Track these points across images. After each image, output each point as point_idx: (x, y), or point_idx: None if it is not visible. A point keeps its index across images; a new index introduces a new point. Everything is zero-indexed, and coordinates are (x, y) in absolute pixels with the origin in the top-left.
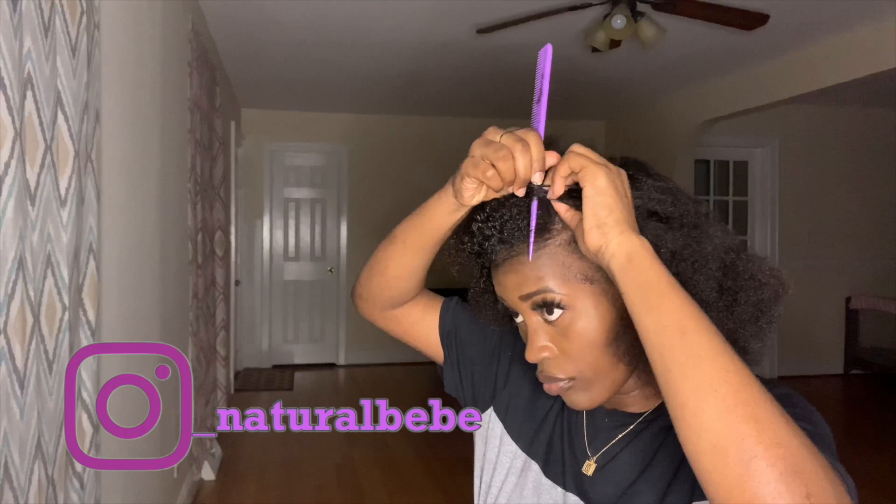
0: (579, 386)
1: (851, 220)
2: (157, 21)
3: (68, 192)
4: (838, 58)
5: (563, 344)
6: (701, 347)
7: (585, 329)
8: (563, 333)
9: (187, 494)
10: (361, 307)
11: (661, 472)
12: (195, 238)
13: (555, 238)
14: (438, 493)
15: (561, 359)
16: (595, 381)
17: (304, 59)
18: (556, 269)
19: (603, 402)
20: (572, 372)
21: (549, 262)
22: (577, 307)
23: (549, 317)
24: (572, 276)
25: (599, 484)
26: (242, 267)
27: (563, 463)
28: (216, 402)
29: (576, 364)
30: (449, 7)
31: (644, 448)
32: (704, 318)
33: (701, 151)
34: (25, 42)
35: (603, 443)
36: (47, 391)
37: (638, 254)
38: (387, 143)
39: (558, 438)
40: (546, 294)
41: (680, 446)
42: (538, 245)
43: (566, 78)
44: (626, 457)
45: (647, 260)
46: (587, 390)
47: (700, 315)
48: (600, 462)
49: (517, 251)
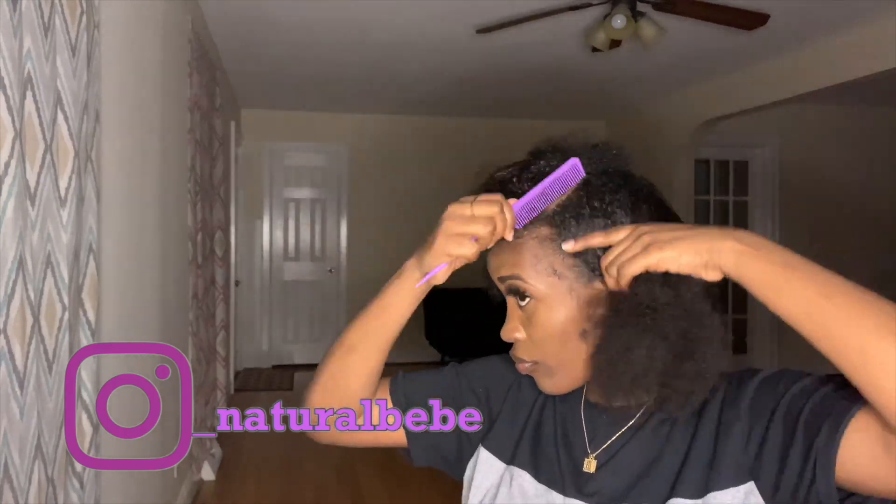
0: (543, 371)
1: (852, 220)
2: (157, 21)
3: (68, 192)
4: (838, 58)
5: (530, 329)
6: (853, 300)
7: (548, 320)
8: (530, 320)
9: (187, 494)
10: (324, 436)
11: (670, 464)
12: (195, 238)
13: (532, 231)
14: (438, 493)
15: (528, 343)
16: (557, 370)
17: (304, 59)
18: (528, 260)
19: (567, 390)
20: (536, 357)
21: (524, 253)
22: (543, 298)
23: (521, 302)
24: (542, 268)
25: (604, 480)
26: (242, 267)
27: (558, 466)
28: (216, 402)
29: (539, 350)
30: (449, 7)
31: (648, 441)
32: (838, 276)
33: (701, 151)
34: (25, 42)
35: (604, 439)
36: (47, 391)
37: (740, 261)
38: (387, 143)
39: (550, 442)
40: (515, 281)
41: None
42: (517, 235)
43: (566, 78)
44: (631, 451)
45: (751, 258)
46: (550, 377)
47: (833, 275)
48: (602, 458)
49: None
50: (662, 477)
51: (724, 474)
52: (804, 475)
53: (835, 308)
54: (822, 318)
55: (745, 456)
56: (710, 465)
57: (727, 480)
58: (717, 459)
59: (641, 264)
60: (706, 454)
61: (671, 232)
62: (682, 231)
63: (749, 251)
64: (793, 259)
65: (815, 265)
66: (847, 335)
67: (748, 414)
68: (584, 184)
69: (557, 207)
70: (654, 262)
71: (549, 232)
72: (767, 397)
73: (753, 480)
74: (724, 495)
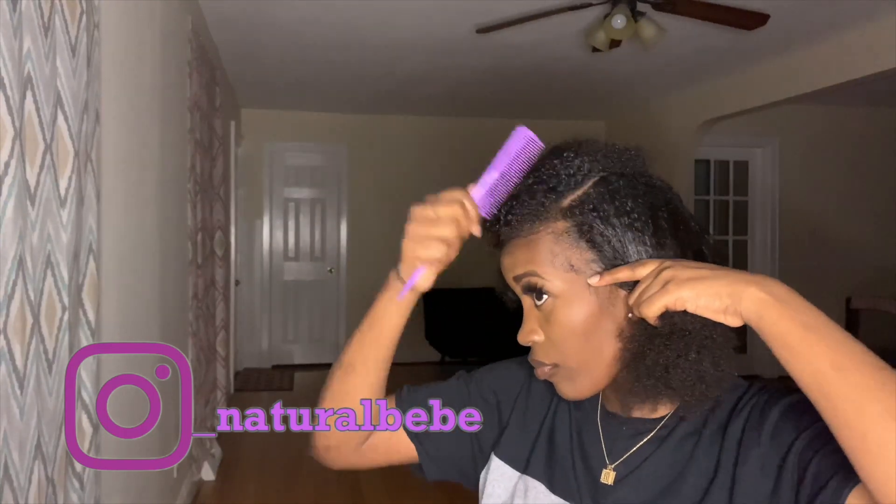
0: (563, 374)
1: (851, 220)
2: (156, 21)
3: (68, 192)
4: (838, 58)
5: (548, 330)
6: (865, 379)
7: (567, 317)
8: (548, 319)
9: (187, 494)
10: (333, 458)
11: (693, 484)
12: (195, 238)
13: (547, 226)
14: (438, 493)
15: (546, 344)
16: (579, 372)
17: (304, 59)
18: (544, 256)
19: (588, 394)
20: (556, 358)
21: (538, 249)
22: (561, 295)
23: (537, 301)
24: (559, 264)
25: (624, 492)
26: (242, 267)
27: (574, 476)
28: (216, 402)
29: (559, 351)
30: (449, 7)
31: (671, 457)
32: (858, 346)
33: (701, 151)
34: (25, 42)
35: (623, 450)
36: (47, 391)
37: (763, 312)
38: (387, 143)
39: (566, 451)
40: (531, 278)
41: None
42: (531, 231)
43: (566, 78)
44: (654, 465)
45: (774, 311)
46: (571, 380)
47: (852, 344)
48: (621, 470)
49: (516, 233)
50: (685, 497)
51: (747, 501)
52: None
53: (845, 386)
54: (831, 392)
55: (763, 485)
56: (731, 490)
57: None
58: (737, 485)
59: (660, 304)
60: (727, 478)
61: (693, 270)
62: (704, 271)
63: (773, 303)
64: (816, 321)
65: (838, 330)
66: (852, 417)
67: (769, 443)
68: (603, 181)
69: (574, 201)
70: (672, 302)
71: (565, 226)
72: (787, 430)
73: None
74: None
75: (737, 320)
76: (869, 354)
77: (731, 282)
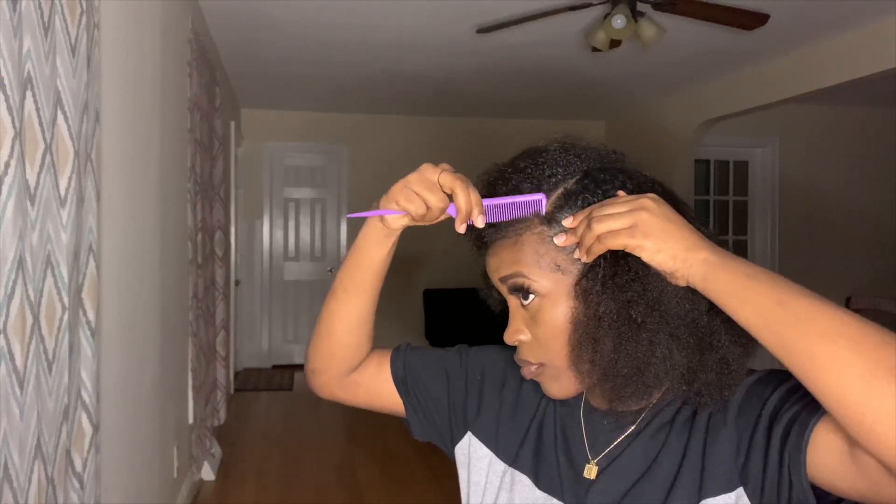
0: (549, 374)
1: (851, 220)
2: (156, 21)
3: (68, 192)
4: (838, 58)
5: (535, 329)
6: (806, 308)
7: (552, 317)
8: (534, 319)
9: (187, 494)
10: (319, 382)
11: (666, 469)
12: (195, 238)
13: (531, 227)
14: (438, 493)
15: (533, 344)
16: (565, 371)
17: (304, 59)
18: (529, 256)
19: (574, 393)
20: (542, 358)
21: (524, 249)
22: (548, 295)
23: (524, 301)
24: (545, 264)
25: (603, 484)
26: (242, 267)
27: (558, 472)
28: (216, 402)
29: (545, 350)
30: (449, 7)
31: (646, 446)
32: (798, 286)
33: (701, 151)
34: (25, 42)
35: (604, 445)
36: (47, 391)
37: (708, 272)
38: (387, 143)
39: (551, 448)
40: (518, 278)
41: (682, 442)
42: (516, 232)
43: (566, 78)
44: (629, 456)
45: (718, 269)
46: (557, 379)
47: (793, 284)
48: (602, 464)
49: (501, 234)
50: (658, 482)
51: (717, 481)
52: (782, 478)
53: (787, 314)
54: (776, 325)
55: (734, 463)
56: (701, 472)
57: (719, 487)
58: (707, 466)
59: (621, 243)
60: (698, 460)
61: (665, 223)
62: (673, 227)
63: (717, 262)
64: (757, 272)
65: (780, 277)
66: (797, 340)
67: (735, 422)
68: (586, 176)
69: (559, 199)
70: (633, 246)
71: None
72: (752, 405)
73: (742, 486)
74: (716, 501)
75: (682, 283)
76: (808, 291)
77: (688, 248)
